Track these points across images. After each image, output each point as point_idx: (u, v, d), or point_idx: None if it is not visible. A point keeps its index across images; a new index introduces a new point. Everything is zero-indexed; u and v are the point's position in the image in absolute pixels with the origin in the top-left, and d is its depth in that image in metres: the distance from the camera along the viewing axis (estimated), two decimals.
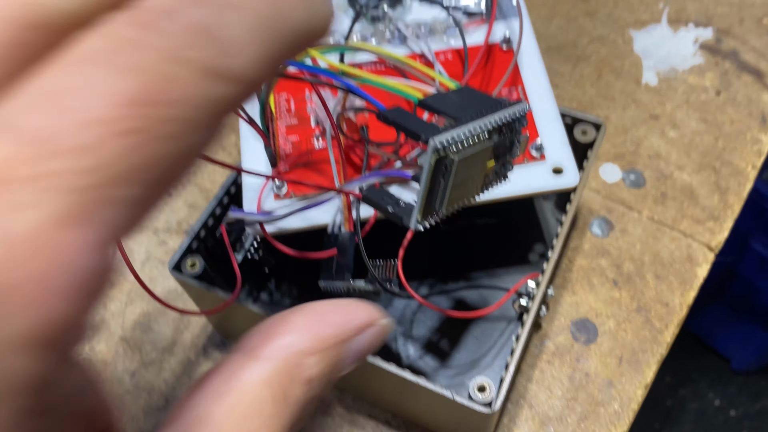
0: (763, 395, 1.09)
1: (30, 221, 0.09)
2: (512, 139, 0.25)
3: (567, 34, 0.49)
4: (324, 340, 0.16)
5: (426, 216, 0.22)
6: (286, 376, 0.16)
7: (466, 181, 0.22)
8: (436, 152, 0.20)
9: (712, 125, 0.44)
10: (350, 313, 0.17)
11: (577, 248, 0.39)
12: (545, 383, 0.35)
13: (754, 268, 0.91)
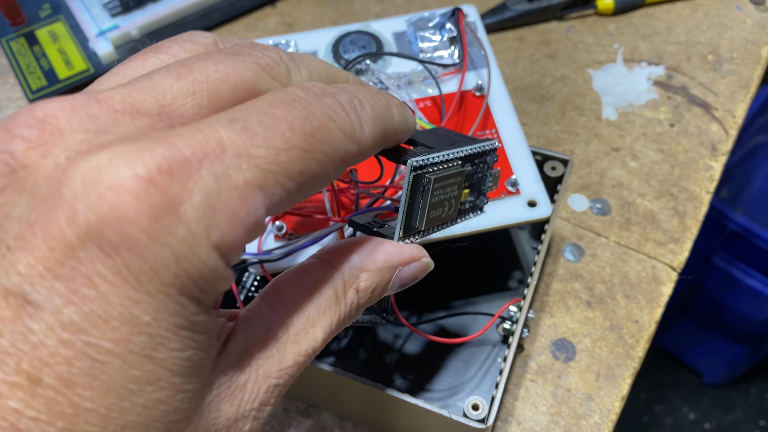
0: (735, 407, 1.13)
1: (245, 178, 0.17)
2: (485, 172, 0.28)
3: (531, 75, 0.53)
4: (377, 263, 0.22)
5: (407, 233, 0.25)
6: (345, 282, 0.22)
7: (442, 204, 0.25)
8: (413, 170, 0.23)
9: (668, 155, 0.48)
10: (402, 248, 0.23)
11: (553, 273, 0.43)
12: (530, 400, 0.38)
13: (717, 284, 0.95)
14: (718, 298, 0.97)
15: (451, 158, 0.25)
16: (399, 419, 0.35)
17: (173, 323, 0.16)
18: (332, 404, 0.38)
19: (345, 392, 0.34)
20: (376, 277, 0.22)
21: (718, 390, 1.14)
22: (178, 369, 0.17)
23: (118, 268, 0.15)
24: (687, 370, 1.14)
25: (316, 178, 0.19)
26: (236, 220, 0.16)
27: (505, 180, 0.36)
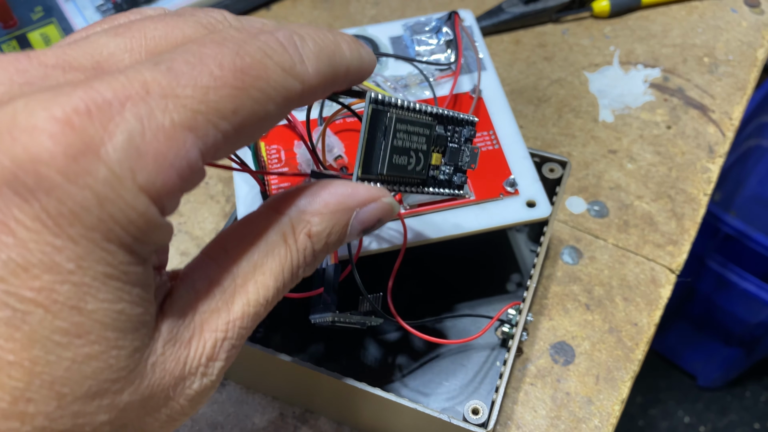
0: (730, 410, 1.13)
1: (171, 119, 0.16)
2: (461, 144, 0.28)
3: (528, 78, 0.53)
4: (328, 204, 0.21)
5: (366, 174, 0.24)
6: (294, 227, 0.21)
7: (407, 152, 0.25)
8: (372, 102, 0.22)
9: (665, 157, 0.48)
10: (357, 188, 0.22)
11: (551, 276, 0.42)
12: (530, 404, 0.38)
13: (711, 287, 0.95)
14: (712, 300, 0.97)
15: (420, 109, 0.24)
16: (398, 424, 0.34)
17: (101, 272, 0.15)
18: (329, 409, 0.37)
19: (343, 396, 0.34)
20: (330, 220, 0.21)
21: (713, 393, 1.14)
22: (110, 323, 0.16)
23: (36, 212, 0.15)
24: (682, 373, 1.14)
25: (255, 118, 0.18)
26: (165, 162, 0.16)
27: (503, 180, 0.36)
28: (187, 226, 0.46)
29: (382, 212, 0.22)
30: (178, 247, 0.45)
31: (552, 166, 0.38)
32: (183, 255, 0.45)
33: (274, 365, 0.33)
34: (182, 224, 0.46)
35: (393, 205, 0.23)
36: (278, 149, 0.37)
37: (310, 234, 0.21)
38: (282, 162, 0.37)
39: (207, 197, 0.47)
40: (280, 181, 0.36)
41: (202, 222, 0.46)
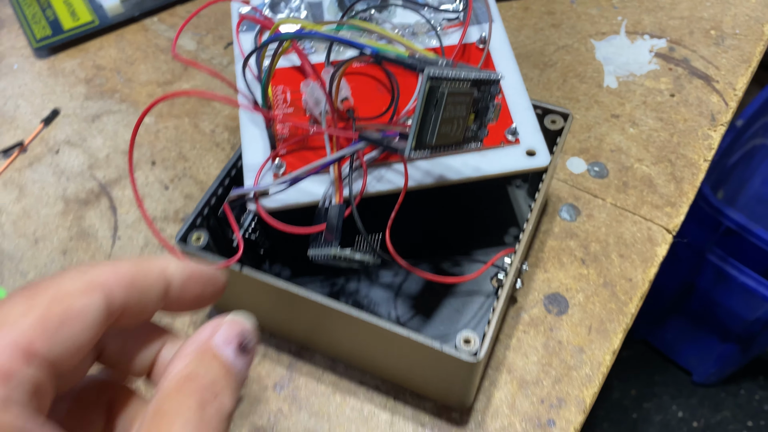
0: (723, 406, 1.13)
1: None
2: (487, 102, 0.29)
3: (535, 43, 0.53)
4: (190, 353, 0.22)
5: (419, 145, 0.25)
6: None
7: (452, 121, 0.26)
8: (429, 80, 0.23)
9: (668, 123, 0.48)
10: (203, 329, 0.23)
11: (548, 231, 0.43)
12: (522, 350, 0.38)
13: (710, 281, 0.95)
14: (711, 296, 0.97)
15: (463, 77, 0.25)
16: (391, 357, 0.35)
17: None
18: (325, 345, 0.38)
19: (338, 328, 0.35)
20: (200, 362, 0.22)
21: (708, 389, 1.14)
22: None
23: None
24: (677, 368, 1.14)
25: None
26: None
27: (505, 129, 0.36)
28: (193, 170, 0.47)
29: (233, 328, 0.23)
30: (183, 191, 0.46)
31: (554, 117, 0.39)
32: (187, 198, 0.45)
33: (270, 293, 0.34)
34: (187, 169, 0.47)
35: (239, 319, 0.24)
36: (284, 90, 0.38)
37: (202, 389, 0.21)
38: (288, 102, 0.38)
39: (212, 144, 0.48)
40: (284, 120, 0.37)
41: (206, 167, 0.47)
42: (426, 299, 0.39)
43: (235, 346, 0.22)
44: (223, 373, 0.22)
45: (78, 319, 0.20)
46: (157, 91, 0.51)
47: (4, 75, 0.53)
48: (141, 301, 0.22)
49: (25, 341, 0.18)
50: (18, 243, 0.44)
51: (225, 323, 0.23)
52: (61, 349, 0.19)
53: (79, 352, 0.20)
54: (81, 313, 0.20)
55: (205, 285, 0.25)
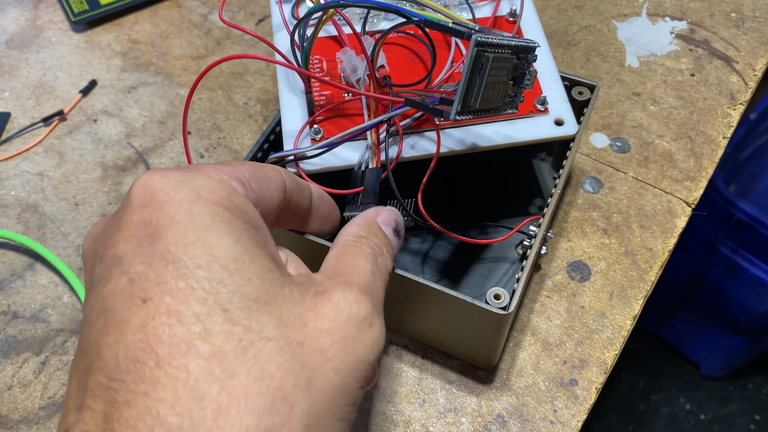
0: (731, 400, 1.14)
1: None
2: (525, 69, 0.30)
3: (558, 23, 0.55)
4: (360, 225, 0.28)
5: (464, 108, 0.26)
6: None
7: (494, 86, 0.27)
8: (477, 46, 0.25)
9: (688, 101, 0.49)
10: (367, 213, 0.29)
11: (571, 203, 0.44)
12: (545, 314, 0.40)
13: (721, 274, 0.95)
14: (721, 288, 0.97)
15: (506, 44, 0.27)
16: (421, 315, 0.36)
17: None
18: None
19: None
20: (371, 232, 0.28)
21: (716, 382, 1.14)
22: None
23: None
24: (685, 361, 1.15)
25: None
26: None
27: (534, 99, 0.38)
28: (227, 140, 0.48)
29: (391, 215, 0.29)
30: (217, 159, 0.47)
31: (581, 89, 0.40)
32: None
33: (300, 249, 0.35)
34: (222, 139, 0.48)
35: (395, 210, 0.30)
36: (320, 59, 0.39)
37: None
38: (324, 71, 0.39)
39: (246, 116, 0.50)
40: (322, 89, 0.38)
41: (240, 138, 0.49)
42: (453, 265, 0.41)
43: (392, 227, 0.28)
44: (386, 242, 0.27)
45: (272, 181, 0.25)
46: (191, 64, 0.53)
47: (43, 48, 0.55)
48: (300, 195, 0.28)
49: (246, 178, 0.24)
50: (59, 206, 0.45)
51: (385, 210, 0.29)
52: (266, 196, 0.24)
53: (272, 209, 0.25)
54: (272, 178, 0.25)
55: (332, 209, 0.32)
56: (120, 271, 0.20)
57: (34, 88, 0.52)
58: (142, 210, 0.21)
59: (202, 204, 0.21)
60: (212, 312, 0.19)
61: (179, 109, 0.50)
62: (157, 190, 0.21)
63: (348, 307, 0.22)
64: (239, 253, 0.20)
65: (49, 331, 0.40)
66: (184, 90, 0.51)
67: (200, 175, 0.22)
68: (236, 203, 0.22)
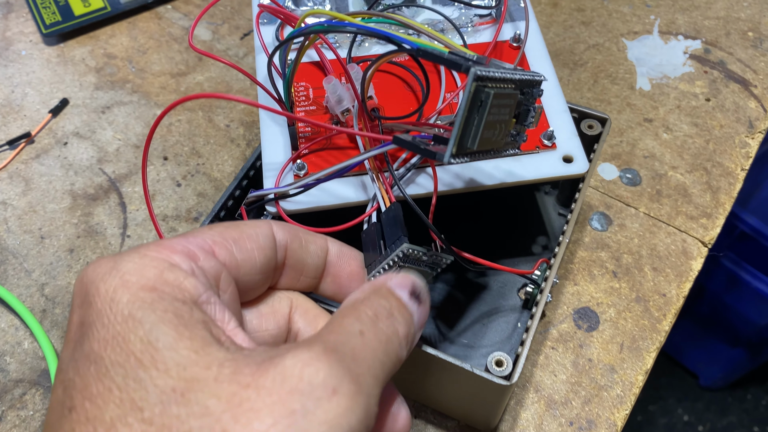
0: (729, 411, 1.11)
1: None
2: (529, 105, 0.27)
3: (564, 41, 0.51)
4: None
5: (459, 151, 0.23)
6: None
7: (494, 126, 0.24)
8: (475, 80, 0.21)
9: (703, 129, 0.46)
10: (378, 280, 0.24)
11: (578, 241, 0.41)
12: (550, 368, 0.36)
13: (722, 285, 0.93)
14: (722, 299, 0.95)
15: (509, 78, 0.23)
16: (415, 374, 0.33)
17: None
18: None
19: None
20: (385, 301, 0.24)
21: (714, 393, 1.13)
22: None
23: None
24: (684, 371, 1.13)
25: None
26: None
27: (541, 133, 0.34)
28: (206, 167, 0.45)
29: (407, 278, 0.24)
30: (195, 188, 0.44)
31: (591, 122, 0.37)
32: (200, 196, 0.43)
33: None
34: (201, 165, 0.45)
35: (411, 274, 0.25)
36: (306, 86, 0.36)
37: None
38: (310, 100, 0.36)
39: (227, 140, 0.46)
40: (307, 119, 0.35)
41: (220, 164, 0.45)
42: (451, 309, 0.37)
43: (409, 290, 0.23)
44: (398, 304, 0.22)
45: (250, 238, 0.23)
46: (170, 82, 0.49)
47: (11, 62, 0.51)
48: (301, 249, 0.25)
49: (207, 244, 0.22)
50: (23, 239, 0.42)
51: (398, 274, 0.24)
52: (237, 258, 0.22)
53: (253, 267, 0.23)
54: (251, 235, 0.23)
55: (358, 263, 0.28)
56: (59, 380, 0.19)
57: (0, 106, 0.48)
58: (79, 309, 0.20)
59: (125, 291, 0.19)
60: (128, 414, 0.17)
61: (156, 132, 0.47)
62: (89, 284, 0.20)
63: (299, 371, 0.17)
64: (156, 341, 0.18)
65: (6, 382, 0.37)
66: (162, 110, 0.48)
67: (134, 257, 0.20)
68: (168, 281, 0.19)
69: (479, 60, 0.26)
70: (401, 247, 0.26)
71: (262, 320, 0.25)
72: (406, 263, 0.28)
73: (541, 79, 0.27)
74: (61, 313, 0.39)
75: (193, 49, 0.30)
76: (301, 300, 0.26)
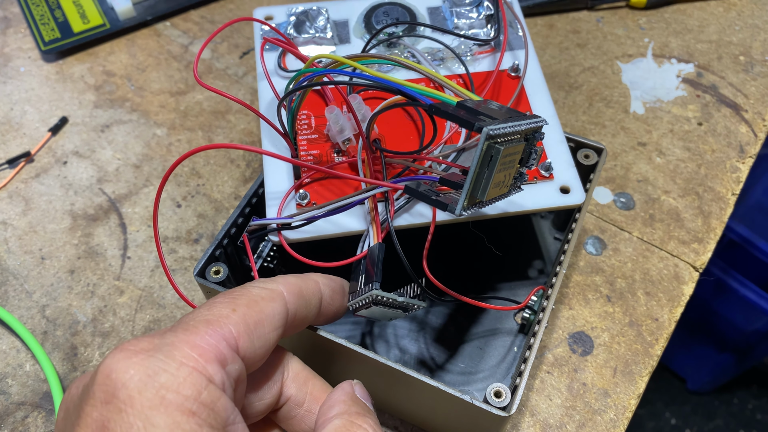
0: (716, 415, 1.13)
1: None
2: (531, 149, 0.27)
3: (560, 63, 0.52)
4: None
5: (470, 204, 0.24)
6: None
7: (502, 176, 0.24)
8: (488, 138, 0.22)
9: (695, 153, 0.47)
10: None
11: (573, 265, 0.42)
12: (545, 392, 0.37)
13: (710, 292, 0.94)
14: (710, 306, 0.96)
15: (516, 131, 0.24)
16: (412, 401, 0.34)
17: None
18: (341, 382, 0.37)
19: (356, 370, 0.33)
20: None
21: (701, 397, 1.14)
22: None
23: None
24: (672, 375, 1.14)
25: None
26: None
27: (539, 164, 0.35)
28: (206, 188, 0.45)
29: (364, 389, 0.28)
30: (195, 209, 0.44)
31: (587, 152, 0.38)
32: (200, 217, 0.44)
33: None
34: (201, 186, 0.45)
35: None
36: (308, 115, 0.36)
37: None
38: (312, 128, 0.36)
39: (227, 161, 0.47)
40: (309, 148, 0.35)
41: (221, 185, 0.45)
42: (448, 334, 0.38)
43: (371, 401, 0.27)
44: (377, 420, 0.25)
45: (268, 320, 0.23)
46: (169, 101, 0.50)
47: (10, 78, 0.51)
48: (306, 309, 0.26)
49: (233, 337, 0.21)
50: (24, 260, 0.42)
51: (356, 383, 0.27)
52: (255, 347, 0.22)
53: (266, 351, 0.23)
54: (270, 315, 0.23)
55: (343, 297, 0.29)
56: None
57: None
58: (102, 407, 0.19)
59: (165, 412, 0.19)
60: None
61: (155, 151, 0.47)
62: (120, 385, 0.19)
63: None
64: None
65: (8, 405, 0.37)
66: (162, 130, 0.48)
67: (170, 366, 0.19)
68: (205, 402, 0.20)
69: (479, 103, 0.27)
70: (371, 293, 0.29)
71: (259, 392, 0.25)
72: (377, 305, 0.29)
73: (543, 123, 0.27)
74: (62, 335, 0.39)
75: (200, 84, 0.31)
76: (291, 363, 0.27)
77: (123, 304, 0.40)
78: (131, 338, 0.37)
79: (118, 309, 0.40)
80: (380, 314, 0.31)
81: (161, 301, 0.40)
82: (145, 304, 0.40)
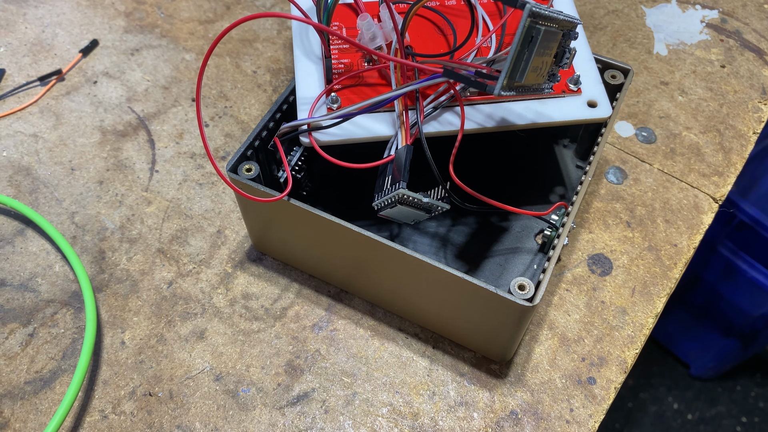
0: (719, 401, 1.13)
1: None
2: (565, 47, 0.28)
3: (585, 5, 0.52)
4: None
5: (509, 84, 0.24)
6: None
7: (538, 63, 0.25)
8: (531, 16, 0.22)
9: (717, 93, 0.47)
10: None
11: (594, 193, 0.42)
12: (564, 308, 0.38)
13: (718, 275, 0.94)
14: (717, 289, 0.96)
15: (555, 17, 0.24)
16: (434, 302, 0.34)
17: None
18: (365, 287, 0.37)
19: (382, 268, 0.34)
20: None
21: (704, 383, 1.14)
22: None
23: None
24: (675, 360, 1.14)
25: None
26: None
27: (567, 78, 0.35)
28: (233, 110, 0.46)
29: None
30: (223, 129, 0.45)
31: (614, 72, 0.38)
32: (227, 136, 0.45)
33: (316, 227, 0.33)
34: (228, 108, 0.46)
35: None
36: (339, 26, 0.37)
37: None
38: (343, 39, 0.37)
39: (254, 85, 0.47)
40: (341, 57, 0.36)
41: (248, 108, 0.46)
42: (469, 252, 0.39)
43: None
44: None
45: None
46: (198, 29, 0.50)
47: (42, 3, 0.52)
48: None
49: None
50: (54, 170, 0.43)
51: None
52: None
53: None
54: None
55: None
56: None
57: (31, 45, 0.49)
58: None
59: None
60: None
61: (184, 74, 0.48)
62: None
63: None
64: None
65: (38, 302, 0.38)
66: (190, 55, 0.49)
67: None
68: None
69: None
70: (397, 191, 0.29)
71: None
72: (403, 204, 0.30)
73: (577, 22, 0.28)
74: (91, 240, 0.40)
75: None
76: None
77: (150, 213, 0.41)
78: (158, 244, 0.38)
79: (146, 218, 0.41)
80: (404, 215, 0.32)
81: (188, 212, 0.41)
82: (172, 214, 0.41)
